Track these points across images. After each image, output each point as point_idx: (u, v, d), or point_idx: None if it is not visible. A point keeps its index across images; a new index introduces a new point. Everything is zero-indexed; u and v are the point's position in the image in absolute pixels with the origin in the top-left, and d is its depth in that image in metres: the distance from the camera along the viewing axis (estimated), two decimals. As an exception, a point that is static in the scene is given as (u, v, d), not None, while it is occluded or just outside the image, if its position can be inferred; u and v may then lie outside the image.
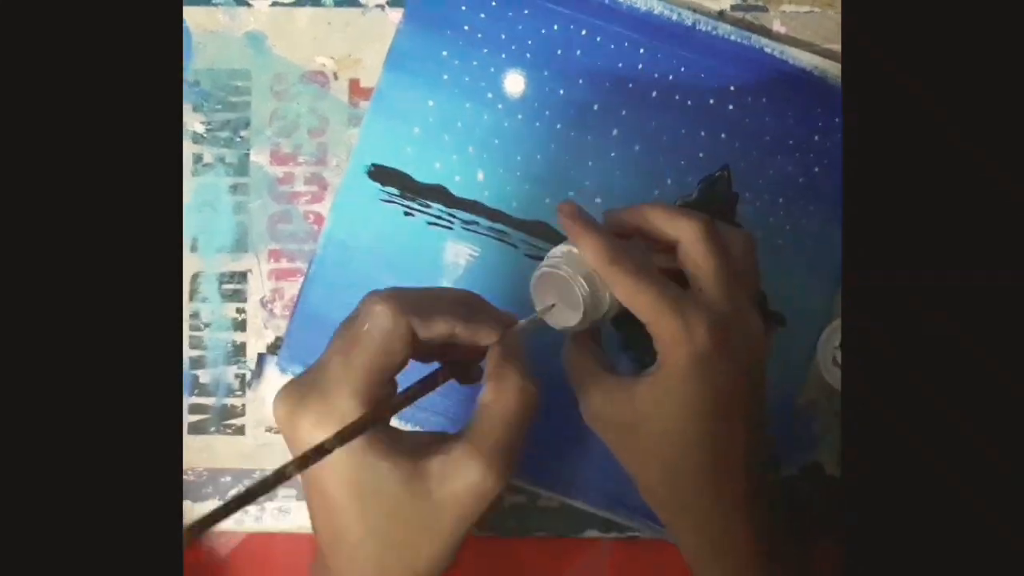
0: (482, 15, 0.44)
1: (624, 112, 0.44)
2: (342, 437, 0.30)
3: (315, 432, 0.30)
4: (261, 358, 0.45)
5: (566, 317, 0.35)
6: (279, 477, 0.29)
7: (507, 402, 0.32)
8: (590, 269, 0.34)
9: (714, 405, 0.33)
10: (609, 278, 0.34)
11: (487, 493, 0.31)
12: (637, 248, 0.36)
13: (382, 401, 0.32)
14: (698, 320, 0.32)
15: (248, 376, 0.45)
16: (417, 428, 0.43)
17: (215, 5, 0.45)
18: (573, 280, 0.34)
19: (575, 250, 0.35)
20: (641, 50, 0.44)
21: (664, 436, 0.33)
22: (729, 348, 0.33)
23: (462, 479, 0.31)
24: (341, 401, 0.31)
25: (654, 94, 0.44)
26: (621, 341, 0.43)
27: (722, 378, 0.33)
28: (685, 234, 0.34)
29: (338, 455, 0.30)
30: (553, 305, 0.35)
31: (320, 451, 0.30)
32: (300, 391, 0.32)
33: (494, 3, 0.44)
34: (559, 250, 0.36)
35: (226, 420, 0.45)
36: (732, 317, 0.33)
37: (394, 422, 0.35)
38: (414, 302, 0.32)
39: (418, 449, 0.32)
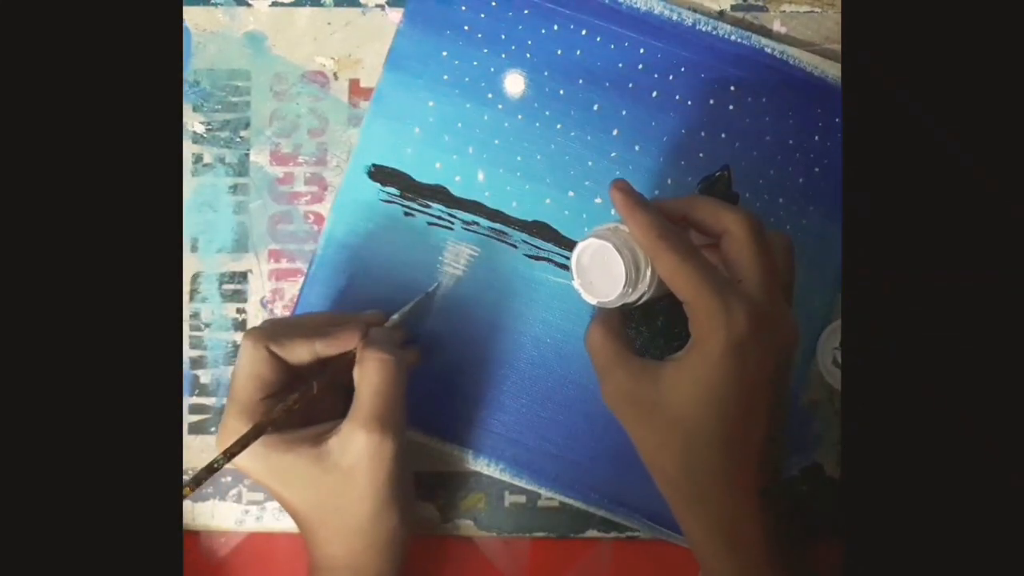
0: (482, 15, 0.44)
1: (624, 112, 0.44)
2: (230, 453, 0.35)
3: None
4: (261, 358, 0.45)
5: (604, 291, 0.35)
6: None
7: (370, 376, 0.37)
8: (635, 245, 0.34)
9: (740, 393, 0.33)
10: (655, 253, 0.34)
11: (380, 451, 0.37)
12: (684, 232, 0.36)
13: (264, 415, 0.37)
14: (738, 305, 0.33)
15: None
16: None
17: (215, 5, 0.45)
18: (619, 250, 0.34)
19: (622, 227, 0.35)
20: (641, 50, 0.44)
21: (686, 419, 0.33)
22: (763, 339, 0.33)
23: (355, 446, 0.36)
24: (228, 423, 0.37)
25: (654, 94, 0.44)
26: (640, 344, 0.43)
27: (753, 367, 0.33)
28: (734, 227, 0.34)
29: (251, 460, 0.36)
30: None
31: (210, 469, 0.35)
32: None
33: (494, 3, 0.44)
34: (605, 226, 0.36)
35: (226, 420, 0.45)
36: (769, 310, 0.33)
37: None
38: (274, 331, 0.38)
39: (317, 437, 0.37)
